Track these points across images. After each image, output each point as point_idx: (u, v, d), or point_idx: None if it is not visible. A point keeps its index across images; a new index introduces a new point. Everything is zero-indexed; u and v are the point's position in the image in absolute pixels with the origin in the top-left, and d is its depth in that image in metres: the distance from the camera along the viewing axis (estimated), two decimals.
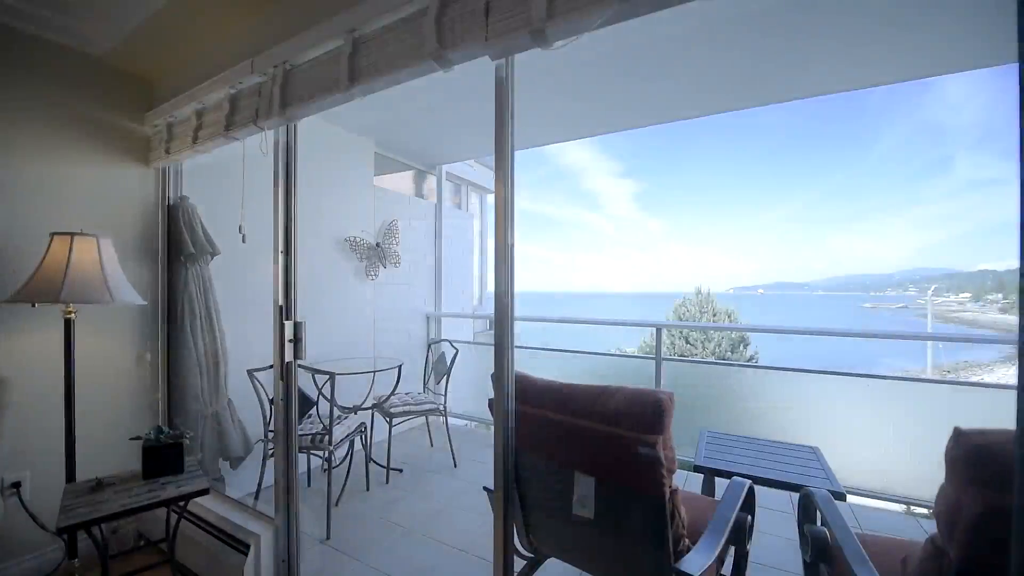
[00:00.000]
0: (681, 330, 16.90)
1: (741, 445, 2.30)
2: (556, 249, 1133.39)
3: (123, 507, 1.56)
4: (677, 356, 16.33)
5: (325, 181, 3.28)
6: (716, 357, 15.84)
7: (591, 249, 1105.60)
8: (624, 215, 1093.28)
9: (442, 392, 3.38)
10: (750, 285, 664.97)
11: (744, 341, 15.81)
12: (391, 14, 1.37)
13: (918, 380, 3.10)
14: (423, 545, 2.27)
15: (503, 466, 1.35)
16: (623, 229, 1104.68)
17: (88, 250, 1.83)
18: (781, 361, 4.13)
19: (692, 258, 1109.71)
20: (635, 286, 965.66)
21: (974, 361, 29.78)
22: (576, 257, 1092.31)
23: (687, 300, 18.06)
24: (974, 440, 0.92)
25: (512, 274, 1.29)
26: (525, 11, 1.10)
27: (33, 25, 1.97)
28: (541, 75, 2.54)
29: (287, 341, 1.79)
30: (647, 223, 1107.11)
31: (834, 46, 2.25)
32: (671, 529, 1.24)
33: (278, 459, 1.83)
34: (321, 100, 1.56)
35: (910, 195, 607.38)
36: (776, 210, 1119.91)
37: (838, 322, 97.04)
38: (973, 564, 0.92)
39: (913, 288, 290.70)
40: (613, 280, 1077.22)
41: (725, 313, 17.98)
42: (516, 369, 1.54)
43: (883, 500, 2.69)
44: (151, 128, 2.31)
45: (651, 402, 1.19)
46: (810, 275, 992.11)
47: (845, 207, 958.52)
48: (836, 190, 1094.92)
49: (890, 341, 2.94)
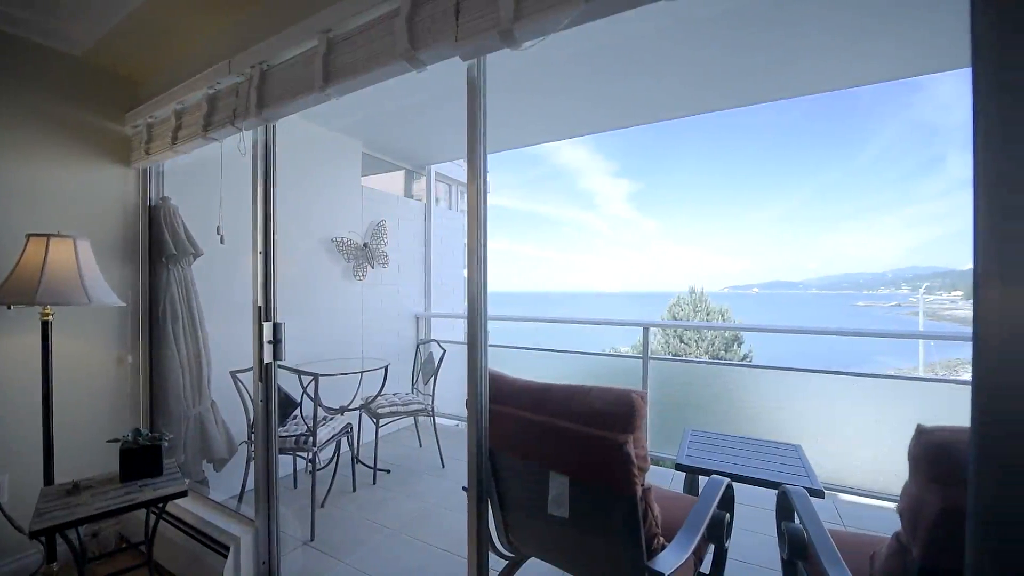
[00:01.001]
0: (676, 329, 16.98)
1: (724, 443, 2.31)
2: (553, 249, 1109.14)
3: (98, 510, 1.55)
4: (671, 355, 16.42)
5: (312, 182, 3.27)
6: (710, 356, 15.92)
7: (587, 249, 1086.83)
8: (620, 215, 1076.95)
9: (430, 393, 3.38)
10: (745, 284, 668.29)
11: (738, 340, 15.90)
12: (365, 14, 1.37)
13: (910, 378, 3.12)
14: (408, 546, 2.27)
15: (476, 465, 1.35)
16: (619, 229, 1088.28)
17: (64, 251, 1.82)
18: (775, 359, 4.16)
19: (687, 257, 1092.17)
20: (631, 286, 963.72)
21: (966, 359, 30.04)
22: (572, 257, 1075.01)
23: (681, 299, 18.13)
24: (934, 437, 0.93)
25: (484, 274, 1.29)
26: (494, 12, 1.10)
27: (9, 25, 1.95)
28: (532, 74, 2.53)
29: (266, 342, 1.78)
30: (642, 223, 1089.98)
31: (823, 43, 2.22)
32: (644, 527, 1.24)
33: (258, 461, 1.83)
34: (297, 100, 1.55)
35: (902, 194, 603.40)
36: (770, 209, 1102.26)
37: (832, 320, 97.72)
38: (934, 561, 0.94)
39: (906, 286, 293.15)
40: (609, 280, 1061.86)
41: (719, 312, 18.07)
42: (495, 369, 1.55)
43: (883, 499, 2.71)
44: (132, 128, 2.30)
45: (623, 402, 1.19)
46: (804, 274, 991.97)
47: (838, 206, 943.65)
48: (829, 189, 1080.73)
49: (883, 339, 2.98)
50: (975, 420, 0.79)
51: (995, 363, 0.76)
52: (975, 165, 0.79)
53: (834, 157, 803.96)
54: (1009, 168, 0.75)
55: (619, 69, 2.54)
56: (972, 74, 0.78)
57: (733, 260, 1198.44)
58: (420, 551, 2.23)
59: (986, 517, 0.77)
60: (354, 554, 2.19)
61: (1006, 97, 0.74)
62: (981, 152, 0.77)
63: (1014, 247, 0.76)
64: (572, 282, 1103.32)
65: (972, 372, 0.78)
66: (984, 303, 0.77)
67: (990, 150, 0.76)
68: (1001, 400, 0.76)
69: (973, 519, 0.78)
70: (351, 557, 2.16)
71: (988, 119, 0.75)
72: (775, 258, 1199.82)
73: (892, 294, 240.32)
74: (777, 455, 2.16)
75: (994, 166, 0.76)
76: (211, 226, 2.33)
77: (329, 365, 3.06)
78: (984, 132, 0.76)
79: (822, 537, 1.33)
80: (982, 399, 0.78)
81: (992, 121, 0.75)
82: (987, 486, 0.78)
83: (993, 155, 0.76)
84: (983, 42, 0.77)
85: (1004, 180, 0.75)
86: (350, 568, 2.08)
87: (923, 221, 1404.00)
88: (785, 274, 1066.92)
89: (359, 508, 2.65)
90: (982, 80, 0.77)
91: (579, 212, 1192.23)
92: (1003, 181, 0.75)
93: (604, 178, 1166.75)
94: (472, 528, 1.34)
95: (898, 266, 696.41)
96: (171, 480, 1.78)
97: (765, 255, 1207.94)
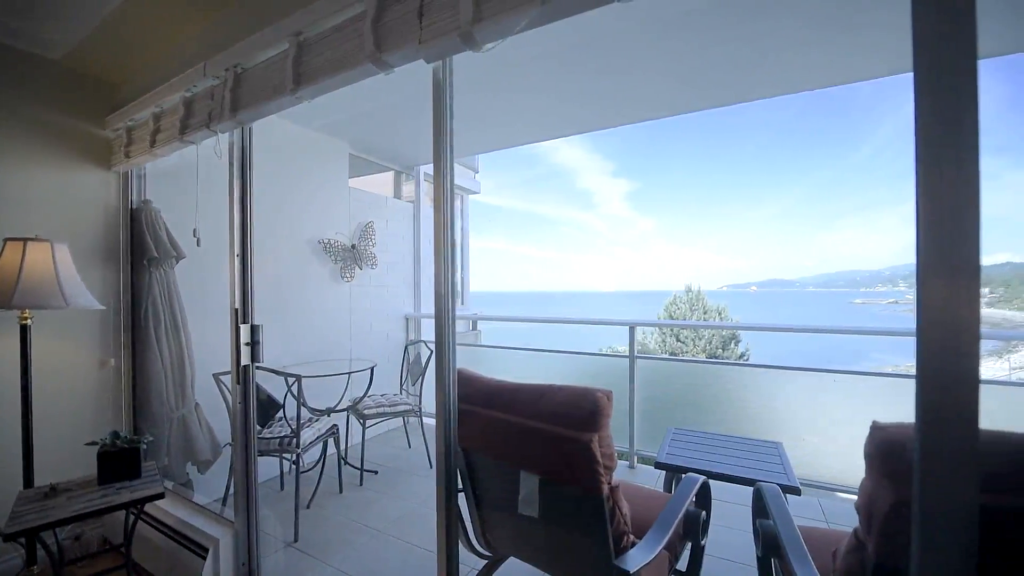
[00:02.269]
0: (672, 328, 17.01)
1: (706, 441, 2.32)
2: (551, 249, 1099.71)
3: (73, 513, 1.55)
4: (669, 354, 16.44)
5: (298, 183, 3.27)
6: (707, 355, 15.95)
7: (586, 248, 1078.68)
8: (617, 214, 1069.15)
9: (418, 393, 3.39)
10: (743, 283, 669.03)
11: (735, 338, 15.91)
12: (334, 17, 1.38)
13: (904, 376, 3.12)
14: (392, 546, 2.27)
15: (444, 465, 1.36)
16: (617, 228, 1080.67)
17: (42, 255, 1.82)
18: (773, 357, 4.17)
19: (685, 256, 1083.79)
20: (628, 285, 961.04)
21: None
22: (571, 257, 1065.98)
23: (677, 298, 18.15)
24: (887, 434, 0.94)
25: (451, 274, 1.30)
26: (454, 14, 1.11)
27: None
28: (526, 72, 2.51)
29: (243, 344, 1.79)
30: (640, 222, 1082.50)
31: (818, 38, 2.16)
32: (611, 526, 1.25)
33: (237, 463, 1.83)
34: (270, 103, 1.56)
35: (899, 191, 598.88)
36: (766, 207, 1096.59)
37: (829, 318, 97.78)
38: (888, 556, 0.94)
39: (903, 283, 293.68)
40: (607, 279, 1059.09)
41: (716, 311, 18.08)
42: (470, 370, 1.56)
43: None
44: (112, 132, 2.30)
45: (587, 401, 1.20)
46: (801, 272, 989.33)
47: (834, 204, 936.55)
48: (825, 187, 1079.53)
49: (880, 337, 3.00)
50: (919, 414, 0.81)
51: (937, 356, 0.77)
52: (916, 166, 0.80)
53: (830, 155, 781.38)
54: (948, 169, 0.76)
55: (614, 66, 2.49)
56: (914, 80, 0.80)
57: (731, 258, 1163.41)
58: (404, 551, 2.23)
59: (930, 509, 0.79)
60: (337, 555, 2.19)
61: (941, 101, 0.76)
62: (922, 152, 0.79)
63: (953, 244, 0.77)
64: (571, 282, 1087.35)
65: (916, 366, 0.79)
66: (926, 299, 0.78)
67: (930, 151, 0.77)
68: (943, 392, 0.77)
69: (918, 512, 0.79)
70: (334, 558, 2.17)
71: (926, 122, 0.77)
72: (772, 256, 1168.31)
73: (890, 291, 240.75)
74: (757, 453, 2.17)
75: (935, 167, 0.77)
76: (192, 229, 2.33)
77: (317, 367, 3.07)
78: (924, 135, 0.78)
79: (791, 534, 1.34)
80: (926, 392, 0.79)
81: (930, 124, 0.76)
82: (930, 478, 0.79)
83: (932, 156, 0.77)
84: (923, 47, 0.78)
85: (943, 180, 0.76)
86: (332, 569, 2.09)
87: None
88: (782, 272, 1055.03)
89: (345, 509, 2.65)
90: (924, 84, 0.78)
91: (577, 212, 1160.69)
92: (942, 181, 0.77)
93: (602, 177, 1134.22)
94: (441, 525, 1.35)
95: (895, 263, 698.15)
96: (149, 482, 1.78)
97: (762, 253, 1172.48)
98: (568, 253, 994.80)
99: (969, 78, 0.74)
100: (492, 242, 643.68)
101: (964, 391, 0.75)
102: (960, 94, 0.74)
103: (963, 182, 0.75)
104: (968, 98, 0.74)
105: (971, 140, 0.74)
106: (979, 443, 0.72)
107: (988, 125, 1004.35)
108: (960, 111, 0.74)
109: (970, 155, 0.74)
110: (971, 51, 0.74)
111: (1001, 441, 0.82)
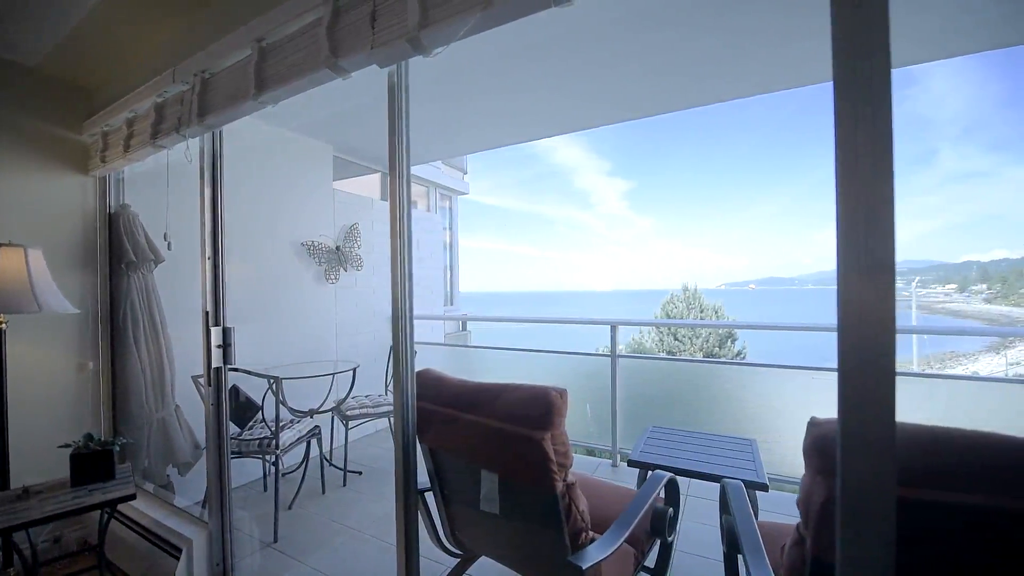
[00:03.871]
0: (670, 327, 17.03)
1: (681, 439, 2.33)
2: (550, 248, 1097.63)
3: (43, 514, 1.57)
4: (666, 352, 16.46)
5: (280, 186, 3.29)
6: (704, 353, 15.97)
7: (584, 248, 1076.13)
8: (615, 213, 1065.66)
9: None
10: (741, 281, 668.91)
11: (732, 337, 15.94)
12: (293, 23, 1.40)
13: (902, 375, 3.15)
14: (370, 546, 2.29)
15: (403, 468, 1.38)
16: (614, 227, 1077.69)
17: (15, 260, 1.84)
18: (771, 355, 4.18)
19: (683, 255, 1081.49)
20: (626, 284, 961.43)
21: (959, 351, 30.21)
22: (570, 256, 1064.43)
23: (674, 297, 18.17)
24: (821, 430, 0.96)
25: (408, 276, 1.32)
26: (403, 21, 1.13)
27: None
28: (520, 71, 2.49)
29: (215, 347, 1.81)
30: (638, 221, 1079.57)
31: (812, 30, 2.10)
32: (568, 523, 1.27)
33: (210, 464, 1.85)
34: (235, 108, 1.58)
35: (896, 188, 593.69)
36: (764, 205, 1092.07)
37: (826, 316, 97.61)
38: (823, 551, 0.96)
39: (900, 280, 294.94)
40: (605, 279, 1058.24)
41: (712, 309, 18.10)
42: (435, 370, 1.57)
43: None
44: (89, 137, 2.32)
45: (540, 400, 1.22)
46: (799, 270, 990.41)
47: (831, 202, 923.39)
48: (822, 185, 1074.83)
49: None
50: (840, 408, 0.83)
51: (855, 351, 0.80)
52: (836, 167, 0.82)
53: (828, 152, 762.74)
54: (864, 173, 0.78)
55: (605, 61, 2.44)
56: (834, 87, 0.82)
57: (729, 257, 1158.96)
58: (382, 551, 2.25)
59: (850, 501, 0.81)
60: (314, 555, 2.21)
61: (861, 104, 0.78)
62: (840, 156, 0.81)
63: (869, 245, 0.79)
64: (569, 281, 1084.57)
65: (837, 361, 0.82)
66: (845, 295, 0.81)
67: (847, 155, 0.79)
68: (861, 386, 0.79)
69: (840, 504, 0.82)
70: (311, 558, 2.18)
71: (844, 129, 0.79)
72: (770, 254, 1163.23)
73: None
74: (730, 450, 2.19)
75: (852, 171, 0.80)
76: (172, 232, 2.35)
77: (301, 368, 3.08)
78: (842, 140, 0.80)
79: (749, 529, 1.36)
80: (845, 387, 0.81)
81: (848, 130, 0.79)
82: (850, 471, 0.82)
83: (850, 160, 0.79)
84: (840, 57, 0.81)
85: (860, 184, 0.79)
86: (308, 568, 2.10)
87: (917, 215, 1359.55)
88: (780, 270, 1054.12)
89: (326, 509, 2.67)
90: (842, 92, 0.80)
91: (575, 211, 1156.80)
92: (859, 185, 0.79)
93: (599, 177, 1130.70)
94: (400, 522, 1.37)
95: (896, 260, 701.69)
96: (122, 483, 1.80)
97: (761, 251, 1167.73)
98: (567, 252, 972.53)
99: (883, 87, 0.76)
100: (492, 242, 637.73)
101: (881, 385, 0.77)
102: (876, 103, 0.76)
103: (879, 185, 0.77)
104: (883, 105, 0.76)
105: (886, 144, 0.76)
106: (896, 435, 0.75)
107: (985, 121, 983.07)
108: (876, 119, 0.76)
109: (885, 159, 0.76)
110: (885, 61, 0.76)
111: (920, 434, 0.84)
